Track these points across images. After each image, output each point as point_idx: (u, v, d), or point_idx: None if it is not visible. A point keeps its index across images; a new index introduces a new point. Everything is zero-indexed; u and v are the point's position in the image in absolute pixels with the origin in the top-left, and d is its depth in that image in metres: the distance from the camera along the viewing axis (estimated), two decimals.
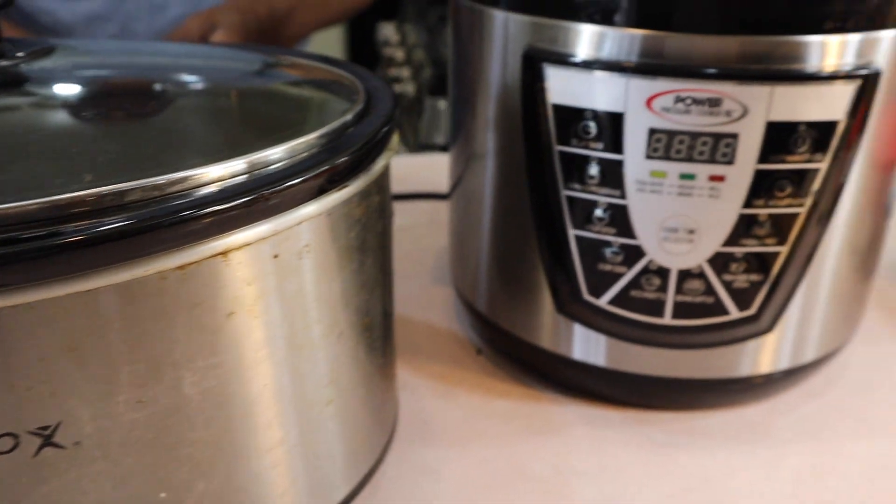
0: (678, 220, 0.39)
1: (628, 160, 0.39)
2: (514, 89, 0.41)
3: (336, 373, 0.34)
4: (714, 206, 0.39)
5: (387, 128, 0.34)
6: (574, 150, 0.40)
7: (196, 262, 0.27)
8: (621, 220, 0.40)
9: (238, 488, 0.31)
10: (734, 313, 0.42)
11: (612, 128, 0.38)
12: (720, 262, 0.40)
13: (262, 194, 0.27)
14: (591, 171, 0.40)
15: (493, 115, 0.44)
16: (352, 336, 0.35)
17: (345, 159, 0.31)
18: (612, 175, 0.39)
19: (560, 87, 0.39)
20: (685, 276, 0.41)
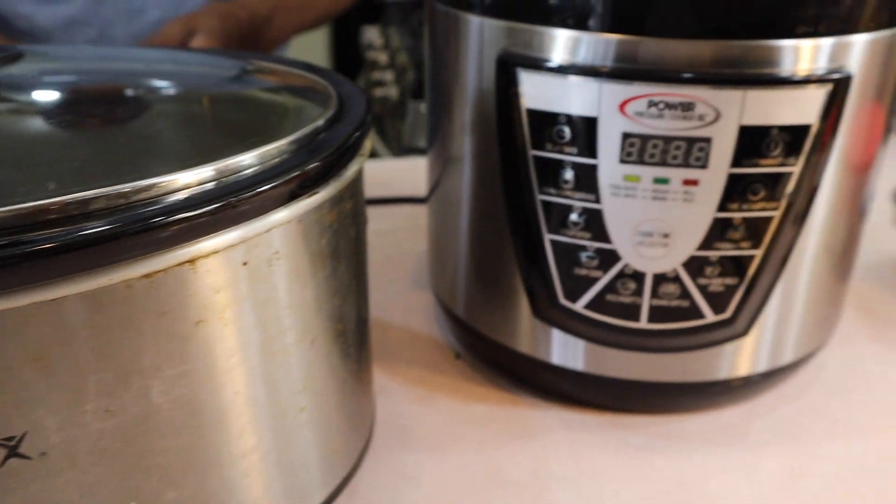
0: (653, 224, 0.39)
1: (602, 164, 0.39)
2: (489, 94, 0.41)
3: (310, 379, 0.34)
4: (688, 209, 0.39)
5: (359, 133, 0.34)
6: (548, 154, 0.40)
7: (163, 271, 0.26)
8: (596, 224, 0.40)
9: (210, 496, 0.31)
10: (710, 317, 0.42)
11: (586, 132, 0.38)
12: (695, 265, 0.40)
13: (230, 201, 0.27)
14: (565, 175, 0.40)
15: (468, 119, 0.44)
16: (325, 343, 0.35)
17: (315, 165, 0.30)
18: (587, 179, 0.39)
19: (534, 91, 0.39)
20: (660, 280, 0.41)
